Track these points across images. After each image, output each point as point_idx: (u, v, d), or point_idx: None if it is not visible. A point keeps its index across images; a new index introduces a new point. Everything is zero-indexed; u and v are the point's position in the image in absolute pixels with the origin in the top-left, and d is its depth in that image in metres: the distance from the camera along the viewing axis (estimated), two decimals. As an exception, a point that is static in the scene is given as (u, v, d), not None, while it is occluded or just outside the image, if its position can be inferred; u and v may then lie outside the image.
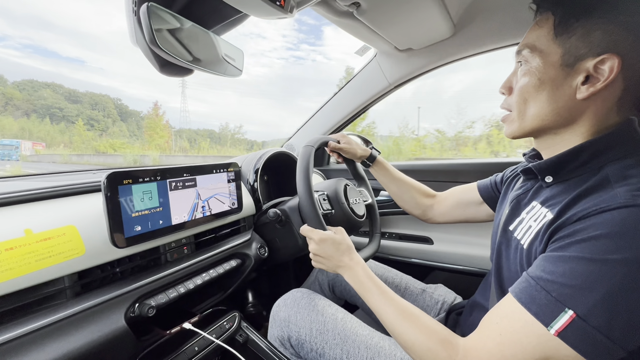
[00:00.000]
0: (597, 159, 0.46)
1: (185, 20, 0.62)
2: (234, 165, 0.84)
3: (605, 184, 0.43)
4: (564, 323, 0.36)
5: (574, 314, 0.36)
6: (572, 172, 0.49)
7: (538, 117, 0.50)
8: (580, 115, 0.48)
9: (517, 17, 0.87)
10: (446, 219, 0.90)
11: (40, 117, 67.58)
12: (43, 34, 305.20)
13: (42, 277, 0.50)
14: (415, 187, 0.95)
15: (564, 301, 0.37)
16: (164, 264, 0.70)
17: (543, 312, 0.38)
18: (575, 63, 0.45)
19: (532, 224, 0.49)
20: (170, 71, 0.65)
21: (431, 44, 1.00)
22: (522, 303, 0.41)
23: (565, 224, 0.42)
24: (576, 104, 0.47)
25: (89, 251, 0.56)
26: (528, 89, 0.50)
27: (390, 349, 0.64)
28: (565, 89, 0.47)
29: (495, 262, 0.59)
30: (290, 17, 0.63)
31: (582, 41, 0.45)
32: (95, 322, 0.55)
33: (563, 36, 0.46)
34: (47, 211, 0.56)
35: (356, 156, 0.95)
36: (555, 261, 0.40)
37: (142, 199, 0.62)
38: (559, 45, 0.47)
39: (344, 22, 0.83)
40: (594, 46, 0.44)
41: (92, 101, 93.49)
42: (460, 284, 1.11)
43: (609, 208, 0.38)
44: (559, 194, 0.48)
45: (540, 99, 0.49)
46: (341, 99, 1.29)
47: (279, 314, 0.75)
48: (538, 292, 0.40)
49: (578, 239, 0.39)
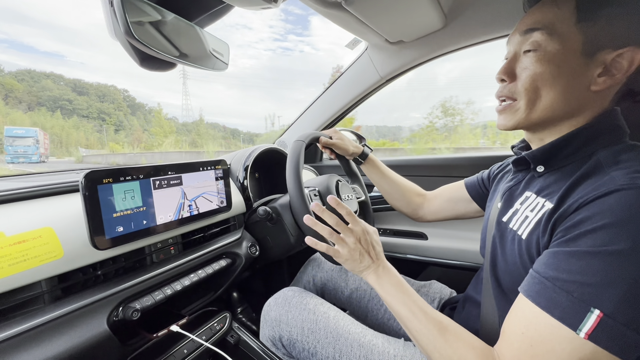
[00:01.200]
0: (589, 146, 0.46)
1: (167, 12, 0.60)
2: (222, 162, 0.82)
3: (599, 169, 0.42)
4: (592, 324, 0.34)
5: (600, 313, 0.34)
6: (564, 160, 0.48)
7: (550, 107, 0.47)
8: (586, 107, 0.46)
9: (508, 8, 0.85)
10: (437, 217, 0.90)
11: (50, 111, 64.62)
12: (18, 28, 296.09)
13: (17, 282, 0.48)
14: (407, 186, 0.95)
15: (587, 301, 0.35)
16: (150, 265, 0.68)
17: (568, 316, 0.36)
18: (595, 53, 0.43)
19: (529, 214, 0.48)
20: (151, 65, 0.62)
21: (422, 35, 0.98)
22: (543, 307, 0.38)
23: (567, 213, 0.41)
24: (587, 96, 0.45)
25: (68, 254, 0.54)
26: (544, 77, 0.46)
27: (384, 346, 0.63)
28: (583, 79, 0.44)
29: (490, 255, 0.57)
30: (275, 6, 0.61)
31: (605, 30, 0.42)
32: (75, 328, 0.53)
33: (587, 22, 0.43)
34: (21, 213, 0.53)
35: (348, 152, 0.95)
36: (567, 258, 0.38)
37: (124, 199, 0.60)
38: (580, 31, 0.43)
39: (332, 13, 0.81)
40: (615, 37, 0.42)
41: (99, 92, 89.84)
42: (455, 279, 1.10)
43: (609, 191, 0.38)
44: (553, 182, 0.48)
45: (556, 89, 0.46)
46: (333, 93, 1.27)
47: (270, 314, 0.73)
48: (557, 294, 0.37)
49: (585, 230, 0.38)
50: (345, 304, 0.94)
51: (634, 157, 0.41)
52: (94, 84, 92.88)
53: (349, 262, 0.58)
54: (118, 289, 0.60)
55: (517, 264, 0.48)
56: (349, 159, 1.00)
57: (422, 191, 0.95)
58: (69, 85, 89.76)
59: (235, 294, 1.08)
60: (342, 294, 0.93)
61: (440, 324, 0.49)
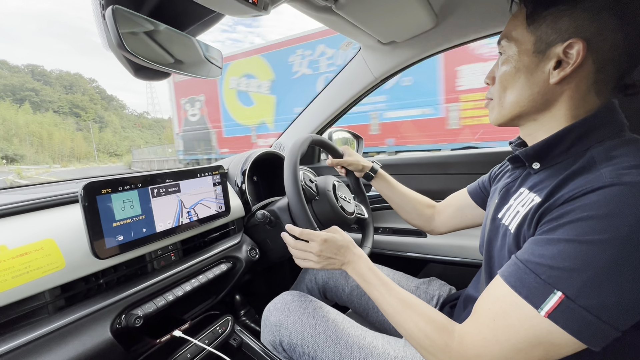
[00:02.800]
0: (582, 142, 0.47)
1: (158, 23, 0.60)
2: (220, 168, 0.83)
3: (591, 166, 0.43)
4: (553, 304, 0.37)
5: (562, 295, 0.36)
6: (559, 156, 0.49)
7: (516, 103, 0.52)
8: (556, 100, 0.49)
9: (498, 5, 0.85)
10: (448, 227, 0.89)
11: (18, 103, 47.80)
12: None
13: (21, 294, 0.49)
14: (417, 198, 0.95)
15: (552, 283, 0.37)
16: (151, 272, 0.69)
17: (533, 295, 0.39)
18: (547, 49, 0.47)
19: (520, 209, 0.50)
20: (145, 75, 0.63)
21: (414, 35, 0.99)
22: (512, 286, 0.41)
23: (552, 207, 0.42)
24: (550, 89, 0.48)
25: (69, 264, 0.55)
26: (506, 77, 0.53)
27: (384, 348, 0.64)
28: (539, 74, 0.48)
29: (486, 252, 0.59)
30: (265, 14, 0.62)
31: (551, 28, 0.46)
32: (79, 336, 0.54)
33: (534, 24, 0.48)
34: (23, 226, 0.54)
35: (359, 168, 0.96)
36: (544, 244, 0.40)
37: (123, 208, 0.61)
38: (531, 33, 0.49)
39: (323, 17, 0.81)
40: (562, 32, 0.45)
41: (65, 82, 73.70)
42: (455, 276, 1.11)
43: (595, 188, 0.39)
44: (546, 178, 0.49)
45: (517, 86, 0.51)
46: (328, 95, 1.28)
47: (270, 319, 0.74)
48: (527, 275, 0.40)
49: (566, 221, 0.39)
50: (346, 302, 0.95)
51: (626, 152, 0.42)
52: (55, 71, 73.48)
53: (327, 267, 0.67)
54: (120, 296, 0.61)
55: (507, 259, 0.49)
56: (358, 175, 1.00)
57: (432, 202, 0.95)
58: (27, 71, 69.22)
59: (237, 297, 1.09)
60: (343, 292, 0.94)
61: (404, 301, 0.55)
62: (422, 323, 0.50)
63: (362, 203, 1.04)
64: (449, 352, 0.46)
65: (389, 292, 0.57)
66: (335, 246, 0.65)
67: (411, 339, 0.51)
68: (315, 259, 0.67)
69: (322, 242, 0.66)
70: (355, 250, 0.66)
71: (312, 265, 0.68)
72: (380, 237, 1.29)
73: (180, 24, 0.64)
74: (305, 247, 0.68)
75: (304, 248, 0.68)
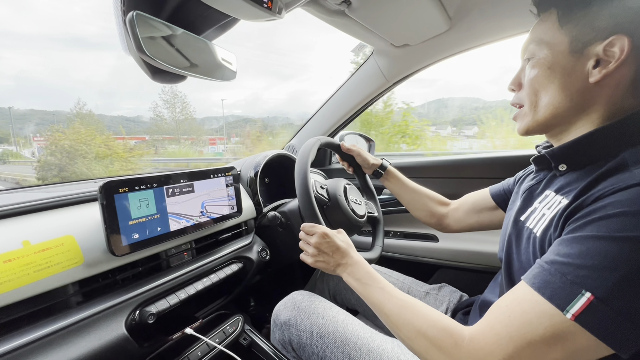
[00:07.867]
0: (614, 144, 0.45)
1: (176, 28, 0.62)
2: (233, 169, 0.84)
3: (623, 167, 0.41)
4: (581, 306, 0.34)
5: (591, 296, 0.34)
6: (587, 158, 0.47)
7: (551, 105, 0.49)
8: (594, 100, 0.46)
9: (514, 7, 0.84)
10: (461, 226, 0.87)
11: None
12: None
13: (42, 288, 0.51)
14: (429, 196, 0.92)
15: (580, 283, 0.35)
16: (165, 270, 0.70)
17: (558, 296, 0.36)
18: (584, 48, 0.45)
19: (546, 212, 0.48)
20: (162, 78, 0.65)
21: (428, 38, 0.98)
22: (535, 288, 0.39)
23: (581, 207, 0.41)
24: (589, 89, 0.46)
25: (87, 260, 0.57)
26: (539, 80, 0.50)
27: (394, 351, 0.63)
28: (577, 74, 0.46)
29: (505, 255, 0.57)
30: (279, 18, 0.63)
31: (588, 27, 0.45)
32: (96, 330, 0.55)
33: (569, 25, 0.46)
34: (45, 222, 0.56)
35: (368, 164, 0.94)
36: (570, 243, 0.39)
37: (139, 207, 0.62)
38: (565, 34, 0.47)
39: (336, 20, 0.82)
40: (600, 30, 0.44)
41: None
42: (467, 282, 1.09)
43: (628, 185, 0.37)
44: (574, 180, 0.47)
45: (552, 88, 0.49)
46: (340, 98, 1.28)
47: (279, 318, 0.75)
48: (552, 276, 0.38)
49: (595, 217, 0.38)
50: (356, 305, 0.95)
51: None
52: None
53: (320, 264, 0.67)
54: (135, 293, 0.62)
55: (531, 263, 0.48)
56: (366, 172, 0.98)
57: (446, 200, 0.92)
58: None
59: (248, 297, 1.10)
60: (353, 295, 0.93)
61: (405, 303, 0.52)
62: (426, 324, 0.48)
63: (371, 200, 1.03)
64: (458, 353, 0.43)
65: (388, 294, 0.55)
66: (334, 244, 0.65)
67: (415, 343, 0.48)
68: (311, 251, 0.67)
69: (321, 235, 0.66)
70: (353, 255, 0.65)
71: (307, 258, 0.68)
72: (391, 241, 1.29)
73: (197, 29, 0.66)
74: (306, 238, 0.69)
75: (306, 239, 0.69)
